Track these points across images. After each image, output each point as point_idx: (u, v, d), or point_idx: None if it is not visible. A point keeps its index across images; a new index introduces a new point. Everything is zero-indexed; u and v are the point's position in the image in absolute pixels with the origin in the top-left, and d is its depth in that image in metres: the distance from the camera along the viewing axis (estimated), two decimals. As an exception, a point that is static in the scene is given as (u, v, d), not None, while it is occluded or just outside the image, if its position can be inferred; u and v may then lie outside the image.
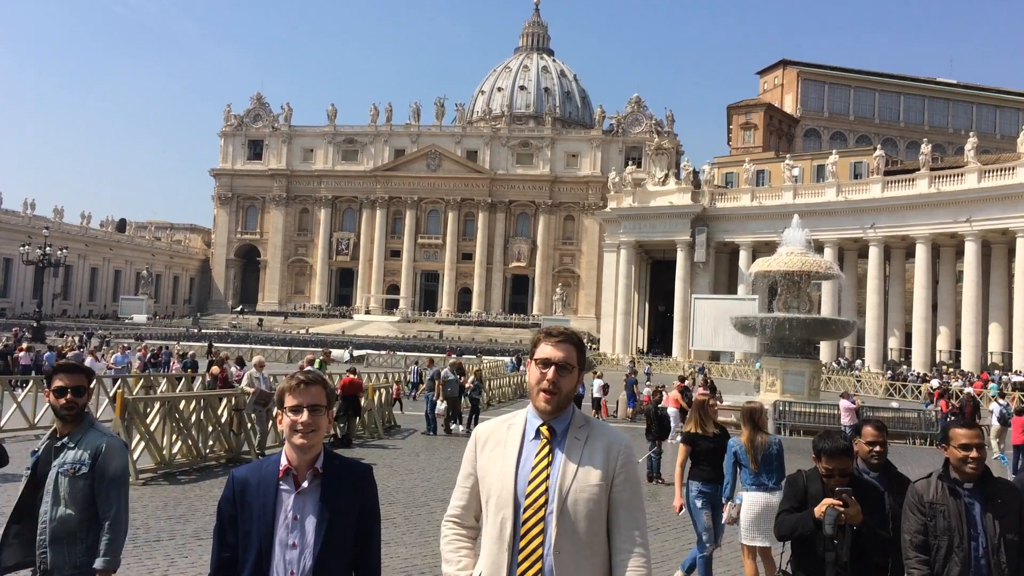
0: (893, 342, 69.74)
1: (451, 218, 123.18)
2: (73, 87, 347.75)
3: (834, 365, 62.95)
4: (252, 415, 17.55)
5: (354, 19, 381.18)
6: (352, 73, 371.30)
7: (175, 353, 37.97)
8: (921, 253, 64.67)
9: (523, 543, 3.29)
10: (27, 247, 64.80)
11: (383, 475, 15.89)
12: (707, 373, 54.11)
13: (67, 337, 54.12)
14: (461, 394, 25.85)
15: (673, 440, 23.85)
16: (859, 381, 54.61)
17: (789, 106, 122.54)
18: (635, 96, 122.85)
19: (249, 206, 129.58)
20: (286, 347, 66.16)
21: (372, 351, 66.44)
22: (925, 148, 67.00)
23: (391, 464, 18.01)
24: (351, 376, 21.54)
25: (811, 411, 29.81)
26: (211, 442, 16.54)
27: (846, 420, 25.90)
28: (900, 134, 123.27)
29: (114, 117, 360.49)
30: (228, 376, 23.32)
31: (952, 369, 59.59)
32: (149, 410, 15.19)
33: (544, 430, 3.42)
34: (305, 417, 3.45)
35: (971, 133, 72.82)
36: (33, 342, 44.69)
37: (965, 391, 36.90)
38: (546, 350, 3.46)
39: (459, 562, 3.48)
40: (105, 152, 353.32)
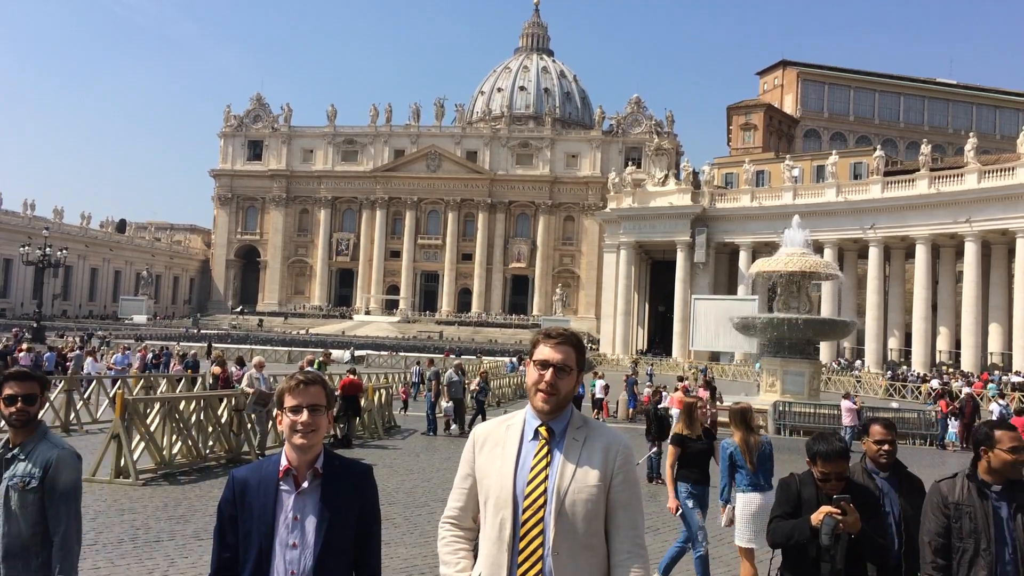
0: (893, 342, 69.74)
1: (451, 219, 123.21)
2: (73, 87, 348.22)
3: (834, 365, 62.96)
4: (252, 415, 17.56)
5: (354, 19, 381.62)
6: (352, 73, 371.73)
7: (175, 354, 37.94)
8: (921, 253, 64.68)
9: (523, 543, 3.30)
10: (27, 248, 64.81)
11: (383, 475, 15.90)
12: (709, 374, 54.15)
13: (67, 337, 54.10)
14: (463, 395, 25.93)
15: None
16: (859, 381, 54.60)
17: (789, 106, 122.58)
18: (635, 96, 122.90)
19: (249, 207, 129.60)
20: (286, 348, 66.14)
21: (372, 352, 66.46)
22: (925, 148, 67.02)
23: (391, 464, 18.02)
24: (351, 376, 21.56)
25: (811, 411, 29.83)
26: (211, 442, 16.54)
27: (847, 421, 25.90)
28: (900, 134, 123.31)
29: (114, 117, 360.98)
30: (229, 376, 23.33)
31: (952, 369, 59.57)
32: (149, 410, 15.20)
33: (543, 431, 3.42)
34: (305, 417, 3.46)
35: (971, 133, 72.87)
36: (33, 342, 44.69)
37: (964, 391, 36.88)
38: (545, 351, 3.46)
39: (457, 563, 3.48)
40: (105, 152, 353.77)
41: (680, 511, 9.45)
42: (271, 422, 17.12)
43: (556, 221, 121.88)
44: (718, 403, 27.59)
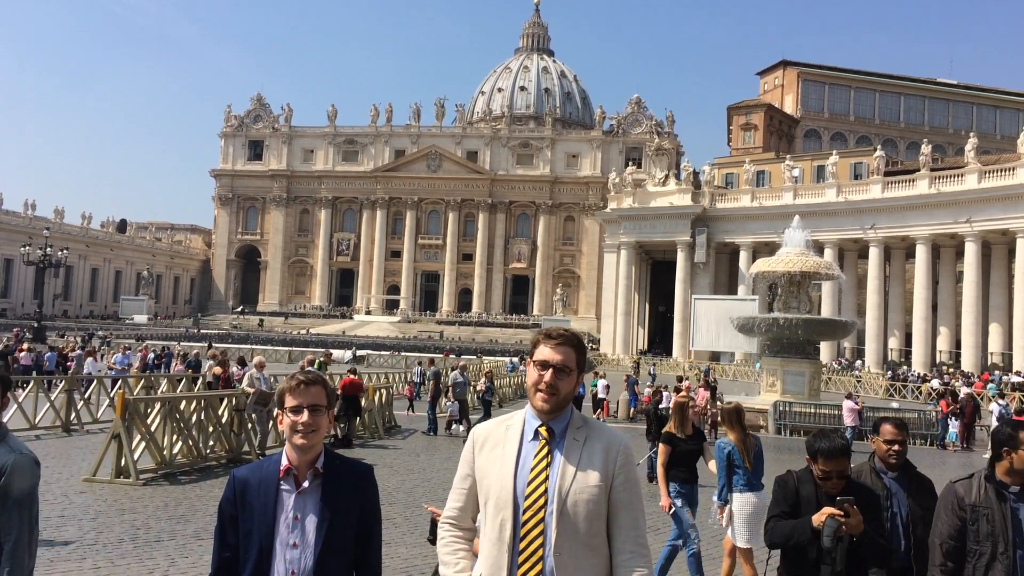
0: (893, 342, 69.75)
1: (451, 219, 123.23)
2: (73, 87, 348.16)
3: (834, 365, 62.97)
4: (252, 415, 17.58)
5: (354, 19, 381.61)
6: (352, 73, 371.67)
7: (176, 354, 37.97)
8: (921, 254, 64.68)
9: (523, 544, 3.29)
10: (28, 248, 64.81)
11: (383, 475, 15.90)
12: (713, 375, 54.23)
13: (67, 337, 54.15)
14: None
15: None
16: (859, 381, 54.62)
17: (789, 107, 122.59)
18: (635, 97, 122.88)
19: (249, 207, 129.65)
20: (286, 347, 66.20)
21: (373, 351, 66.50)
22: (925, 149, 67.03)
23: (391, 464, 18.03)
24: (351, 376, 21.56)
25: (811, 411, 29.85)
26: (212, 442, 16.55)
27: (848, 421, 25.92)
28: (900, 135, 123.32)
29: (114, 117, 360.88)
30: (230, 376, 23.34)
31: (952, 370, 59.58)
32: (150, 410, 15.20)
33: (543, 431, 3.42)
34: (305, 417, 3.47)
35: (971, 134, 72.90)
36: (34, 342, 44.73)
37: (965, 391, 36.85)
38: (544, 352, 3.46)
39: (457, 564, 3.47)
40: (105, 152, 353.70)
41: (672, 510, 9.48)
42: (272, 422, 17.13)
43: (556, 221, 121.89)
44: (718, 403, 27.58)
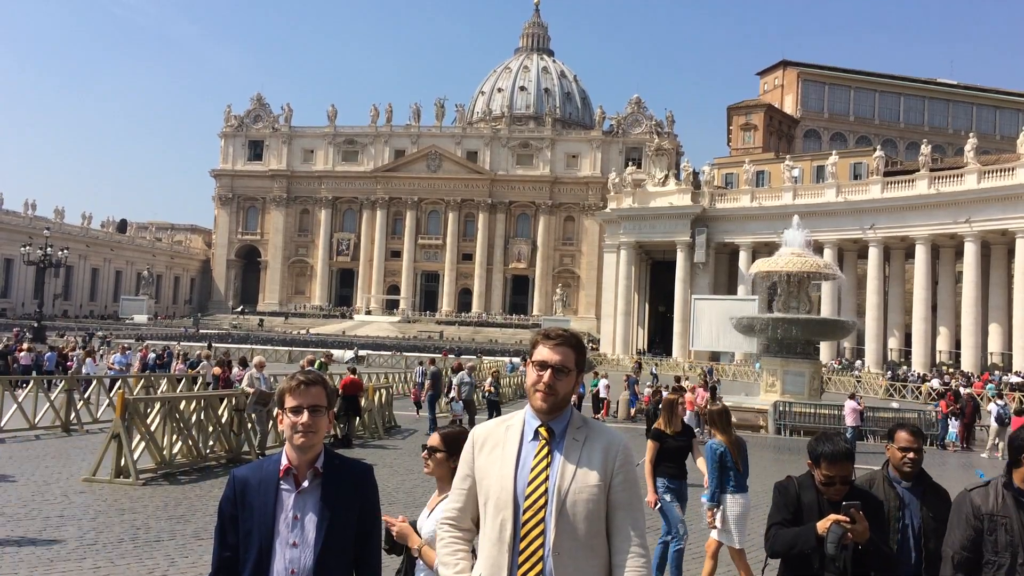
0: (893, 343, 69.76)
1: (451, 219, 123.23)
2: (73, 87, 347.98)
3: (833, 365, 62.97)
4: (252, 415, 17.58)
5: (354, 19, 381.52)
6: (352, 73, 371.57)
7: (176, 354, 37.98)
8: (921, 254, 64.69)
9: (523, 544, 3.30)
10: (28, 248, 64.81)
11: (383, 475, 15.91)
12: (716, 375, 54.49)
13: (67, 337, 54.15)
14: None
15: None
16: (859, 381, 54.65)
17: (789, 107, 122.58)
18: (635, 97, 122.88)
19: (250, 207, 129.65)
20: (286, 347, 66.20)
21: (373, 352, 66.52)
22: (925, 149, 67.03)
23: (391, 464, 18.02)
24: (351, 376, 21.57)
25: (811, 411, 29.86)
26: (211, 442, 16.55)
27: (850, 421, 25.92)
28: (900, 135, 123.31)
29: (114, 117, 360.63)
30: (229, 376, 23.34)
31: (952, 370, 59.60)
32: (149, 410, 15.20)
33: (543, 431, 3.43)
34: (305, 418, 3.47)
35: (971, 134, 72.85)
36: (34, 342, 44.73)
37: (965, 392, 36.86)
38: (543, 352, 3.46)
39: (456, 564, 3.48)
40: (105, 152, 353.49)
41: (659, 505, 9.51)
42: (271, 422, 17.14)
43: (556, 221, 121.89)
44: (718, 403, 27.56)
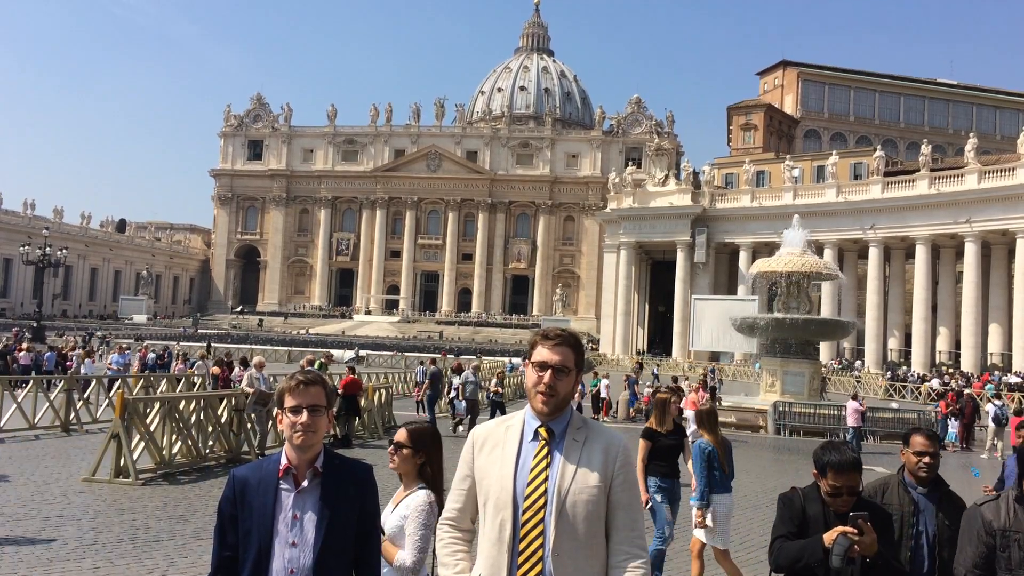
0: (893, 343, 69.75)
1: (451, 218, 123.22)
2: (73, 87, 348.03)
3: (833, 365, 62.96)
4: (252, 415, 17.57)
5: (354, 19, 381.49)
6: (352, 73, 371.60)
7: (176, 354, 37.96)
8: (921, 254, 64.69)
9: (523, 544, 3.29)
10: (27, 247, 64.80)
11: (383, 475, 15.85)
12: (719, 375, 54.71)
13: (66, 337, 54.12)
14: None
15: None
16: (859, 381, 54.67)
17: (789, 107, 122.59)
18: (635, 97, 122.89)
19: (249, 206, 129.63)
20: (286, 347, 66.17)
21: (373, 352, 66.53)
22: (925, 149, 67.03)
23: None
24: (351, 376, 21.56)
25: (811, 412, 29.85)
26: (211, 442, 16.54)
27: (852, 422, 25.91)
28: (900, 135, 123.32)
29: (114, 117, 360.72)
30: (229, 376, 23.33)
31: (952, 370, 59.61)
32: (149, 410, 15.19)
33: (543, 431, 3.42)
34: (304, 418, 3.47)
35: (971, 134, 72.87)
36: (33, 342, 44.71)
37: (965, 392, 36.85)
38: (543, 353, 3.45)
39: (456, 565, 3.48)
40: (105, 152, 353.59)
41: (649, 505, 9.51)
42: (271, 422, 17.13)
43: (556, 221, 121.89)
44: (718, 403, 27.62)
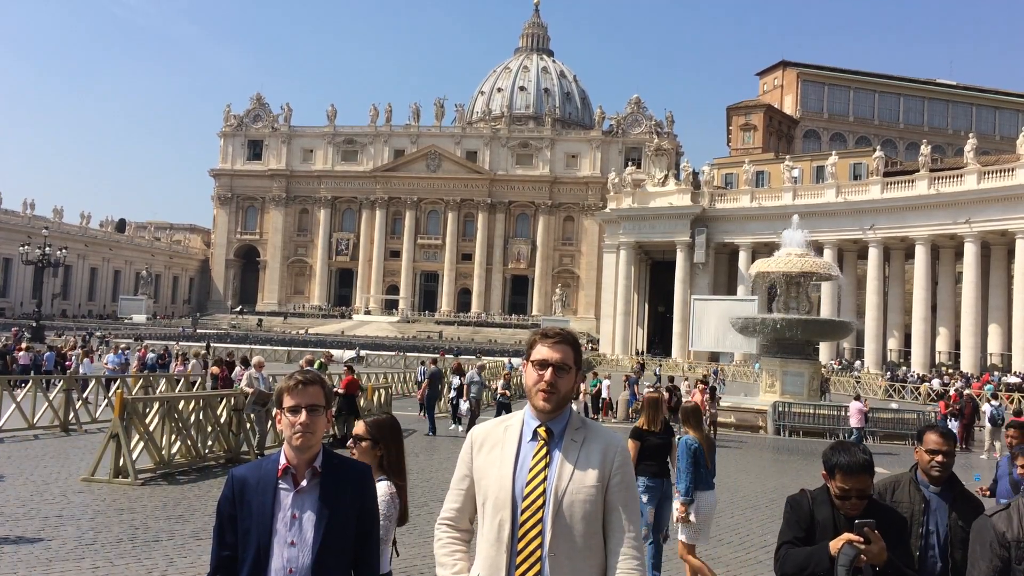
0: (892, 343, 69.76)
1: (451, 219, 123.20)
2: (73, 87, 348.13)
3: (833, 366, 62.95)
4: (251, 415, 17.56)
5: (354, 19, 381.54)
6: (352, 73, 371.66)
7: (175, 354, 37.91)
8: (920, 254, 64.69)
9: (522, 544, 3.29)
10: (27, 247, 64.80)
11: (382, 475, 15.86)
12: (721, 375, 54.84)
13: (66, 337, 54.09)
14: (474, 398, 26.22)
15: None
16: (858, 382, 54.68)
17: (789, 107, 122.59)
18: (635, 97, 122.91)
19: (249, 206, 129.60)
20: (285, 347, 66.18)
21: (372, 352, 66.55)
22: (924, 149, 67.05)
23: (390, 464, 17.98)
24: (351, 376, 21.57)
25: (810, 412, 29.84)
26: (210, 442, 16.54)
27: (855, 422, 25.89)
28: (900, 135, 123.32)
29: (114, 117, 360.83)
30: (229, 376, 23.31)
31: (952, 370, 59.61)
32: (148, 410, 15.18)
33: (541, 431, 3.42)
34: (303, 418, 3.46)
35: (970, 134, 72.84)
36: (32, 342, 44.68)
37: (965, 392, 36.84)
38: (543, 351, 3.45)
39: (454, 565, 3.47)
40: (105, 152, 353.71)
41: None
42: (270, 422, 17.13)
43: (556, 221, 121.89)
44: (718, 403, 27.63)
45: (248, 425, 17.48)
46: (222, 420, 16.85)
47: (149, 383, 24.00)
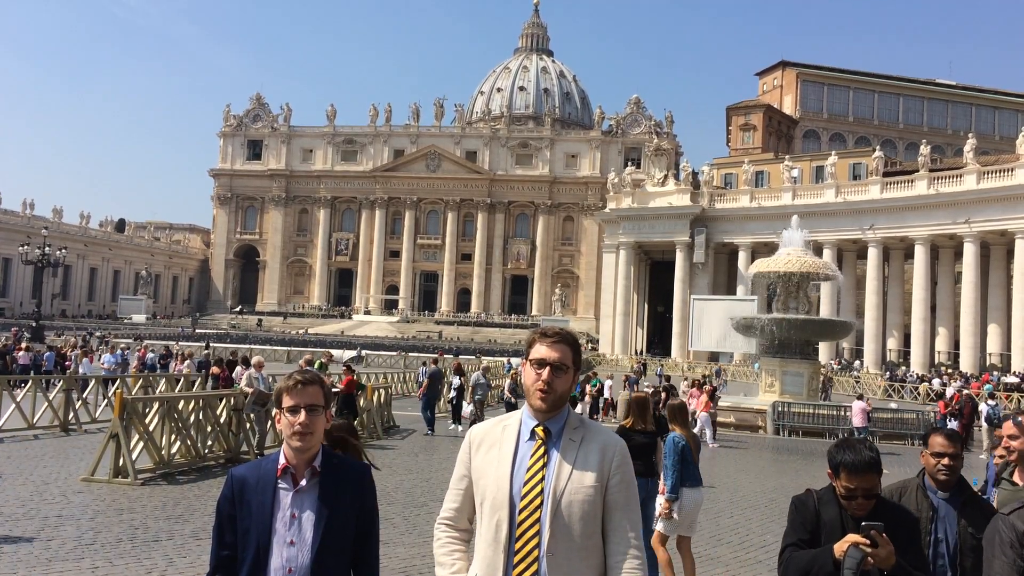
0: (892, 343, 69.78)
1: (450, 219, 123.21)
2: (73, 87, 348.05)
3: (832, 366, 62.96)
4: (251, 415, 17.57)
5: (354, 19, 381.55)
6: (352, 73, 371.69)
7: (175, 354, 37.91)
8: (920, 254, 64.70)
9: (519, 544, 3.28)
10: (26, 247, 64.78)
11: (382, 475, 15.89)
12: (724, 375, 54.89)
13: (65, 337, 54.06)
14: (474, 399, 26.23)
15: (712, 445, 24.02)
16: (858, 382, 54.70)
17: (788, 107, 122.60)
18: (634, 97, 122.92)
19: (248, 206, 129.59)
20: (285, 347, 66.20)
21: (372, 352, 66.60)
22: (924, 149, 67.07)
23: (390, 464, 18.01)
24: (350, 375, 21.57)
25: (810, 412, 29.85)
26: (210, 442, 16.54)
27: (858, 422, 25.85)
28: (899, 135, 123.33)
29: (114, 117, 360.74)
30: (230, 376, 23.31)
31: (951, 370, 59.63)
32: (148, 410, 15.18)
33: (540, 431, 3.42)
34: (303, 418, 3.47)
35: (970, 134, 72.85)
36: (32, 342, 44.65)
37: (964, 392, 36.83)
38: (541, 350, 3.45)
39: (453, 565, 3.47)
40: (105, 152, 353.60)
41: None
42: (270, 422, 17.13)
43: (555, 221, 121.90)
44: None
45: (248, 425, 17.48)
46: (222, 420, 16.85)
47: (149, 383, 24.00)
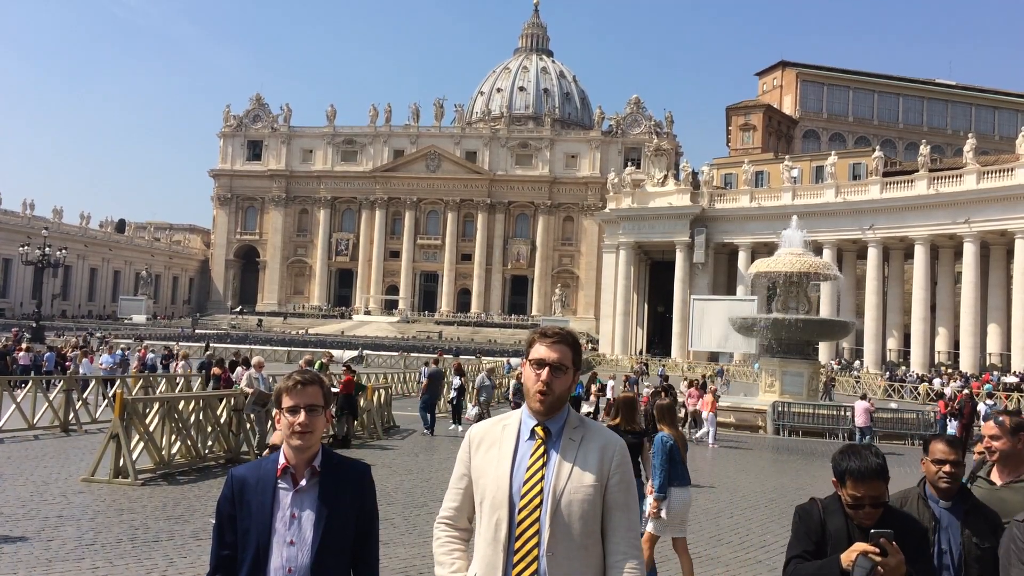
0: (892, 343, 69.78)
1: (450, 219, 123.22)
2: (73, 87, 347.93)
3: (832, 365, 62.96)
4: (251, 415, 17.58)
5: (354, 19, 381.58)
6: (352, 73, 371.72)
7: (176, 354, 37.93)
8: (920, 254, 64.70)
9: (519, 544, 3.29)
10: (26, 247, 64.78)
11: (382, 475, 15.90)
12: (727, 376, 54.93)
13: (66, 337, 54.08)
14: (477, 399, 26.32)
15: (712, 445, 24.02)
16: (858, 382, 54.71)
17: (788, 107, 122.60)
18: (634, 97, 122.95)
19: (248, 207, 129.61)
20: (285, 348, 66.20)
21: (373, 352, 66.61)
22: (924, 149, 67.07)
23: (390, 464, 18.02)
24: (350, 375, 21.57)
25: (810, 412, 29.85)
26: (210, 442, 16.54)
27: (861, 422, 25.83)
28: (899, 135, 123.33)
29: (114, 117, 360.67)
30: (230, 376, 23.31)
31: (951, 370, 59.63)
32: (148, 410, 15.18)
33: (539, 430, 3.42)
34: (302, 418, 3.48)
35: (970, 134, 72.83)
36: (32, 342, 44.65)
37: (964, 392, 36.86)
38: (541, 350, 3.46)
39: (452, 564, 3.47)
40: (105, 152, 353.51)
41: None
42: (270, 422, 17.13)
43: (555, 221, 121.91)
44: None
45: (248, 425, 17.49)
46: (222, 420, 16.86)
47: (149, 383, 24.01)
